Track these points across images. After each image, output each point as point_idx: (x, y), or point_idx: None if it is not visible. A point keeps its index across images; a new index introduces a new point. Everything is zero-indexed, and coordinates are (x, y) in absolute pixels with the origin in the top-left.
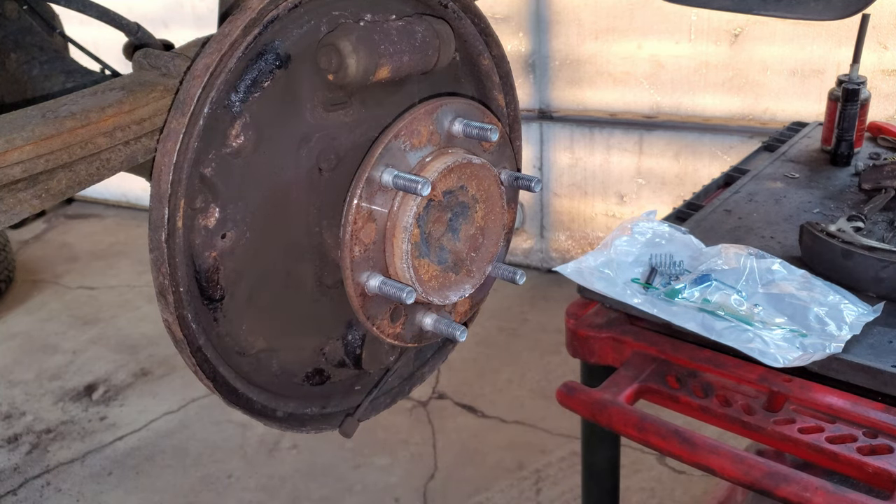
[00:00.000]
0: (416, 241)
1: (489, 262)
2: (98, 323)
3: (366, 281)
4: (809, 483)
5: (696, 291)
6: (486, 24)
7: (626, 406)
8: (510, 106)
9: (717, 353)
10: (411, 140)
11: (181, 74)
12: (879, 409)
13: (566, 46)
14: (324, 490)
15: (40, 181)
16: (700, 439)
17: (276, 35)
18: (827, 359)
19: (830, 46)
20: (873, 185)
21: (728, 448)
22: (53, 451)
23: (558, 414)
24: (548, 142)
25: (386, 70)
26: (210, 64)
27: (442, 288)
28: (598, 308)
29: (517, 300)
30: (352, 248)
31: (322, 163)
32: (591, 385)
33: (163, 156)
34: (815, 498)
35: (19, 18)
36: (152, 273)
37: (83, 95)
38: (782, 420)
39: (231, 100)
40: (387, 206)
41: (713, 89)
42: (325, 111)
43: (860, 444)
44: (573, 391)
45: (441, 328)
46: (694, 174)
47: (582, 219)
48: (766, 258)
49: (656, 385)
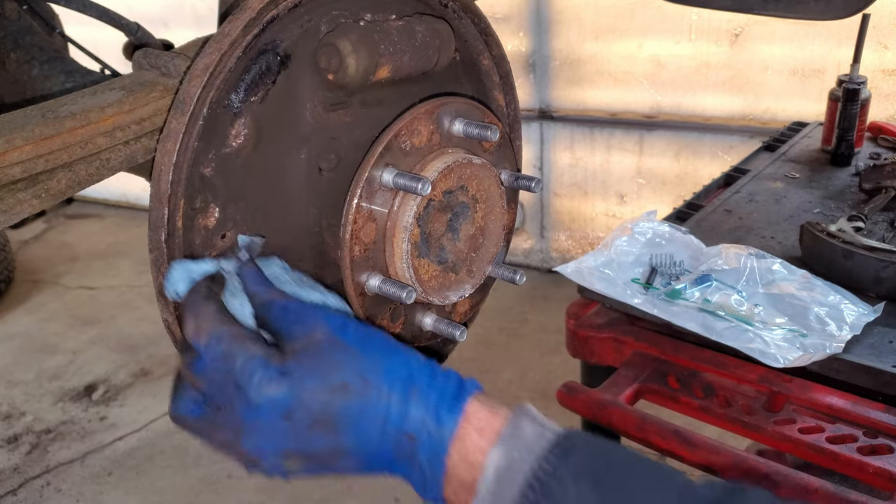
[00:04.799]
0: (416, 241)
1: (489, 262)
2: (98, 323)
3: (366, 281)
4: (809, 483)
5: (697, 291)
6: (487, 24)
7: (627, 406)
8: (510, 106)
9: (717, 354)
10: (411, 140)
11: (181, 74)
12: (880, 409)
13: (566, 46)
14: (324, 490)
15: (40, 181)
16: (700, 439)
17: (275, 35)
18: (827, 359)
19: (830, 46)
20: (874, 185)
21: (728, 448)
22: (53, 451)
23: (559, 414)
24: (548, 142)
25: (386, 70)
26: (210, 64)
27: (442, 288)
28: (598, 308)
29: (517, 300)
30: (352, 247)
31: (322, 163)
32: (591, 385)
33: (162, 156)
34: (815, 498)
35: (19, 18)
36: (152, 273)
37: (83, 95)
38: (782, 420)
39: (231, 100)
40: (387, 206)
41: (713, 89)
42: (325, 111)
43: (860, 444)
44: (573, 391)
45: (441, 328)
46: (694, 174)
47: (582, 219)
48: (766, 258)
49: (657, 385)
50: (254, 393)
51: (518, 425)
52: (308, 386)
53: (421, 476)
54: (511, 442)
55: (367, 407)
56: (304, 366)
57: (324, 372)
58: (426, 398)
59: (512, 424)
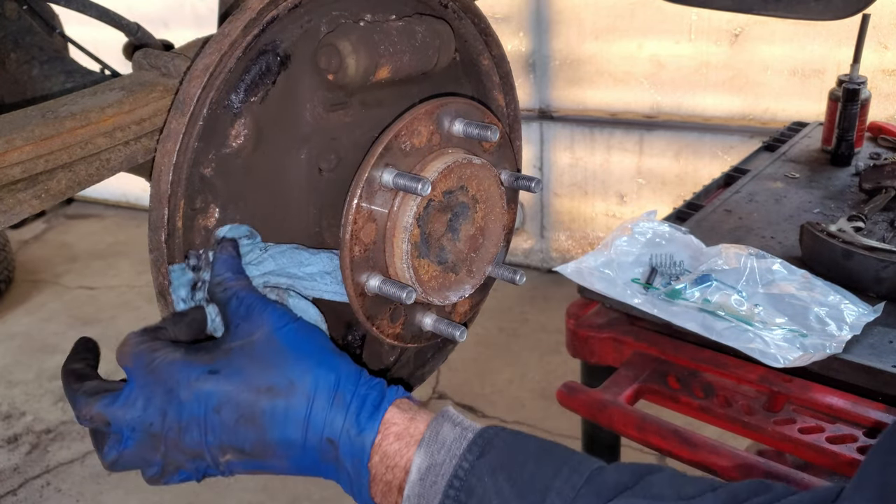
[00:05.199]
0: (416, 242)
1: (489, 262)
2: (98, 323)
3: (366, 281)
4: (809, 483)
5: (697, 291)
6: (486, 24)
7: (627, 406)
8: (510, 106)
9: (717, 354)
10: (411, 140)
11: (181, 74)
12: (880, 409)
13: (566, 46)
14: (324, 491)
15: (40, 181)
16: (700, 439)
17: (275, 35)
18: (827, 359)
19: (830, 46)
20: (873, 185)
21: (728, 448)
22: (53, 451)
23: (559, 414)
24: (548, 142)
25: (386, 70)
26: (210, 64)
27: (442, 288)
28: (598, 308)
29: (517, 300)
30: (352, 248)
31: (322, 163)
32: (591, 385)
33: (162, 156)
34: None
35: (19, 18)
36: (152, 273)
37: (83, 95)
38: (782, 420)
39: (231, 100)
40: (387, 206)
41: (713, 89)
42: (325, 111)
43: (860, 444)
44: (573, 391)
45: (441, 328)
46: (694, 174)
47: (582, 219)
48: (766, 258)
49: (657, 385)
50: (184, 392)
51: (438, 429)
52: (234, 383)
53: (348, 479)
54: (432, 445)
55: (290, 410)
56: (234, 364)
57: (252, 372)
58: (348, 406)
59: (432, 429)
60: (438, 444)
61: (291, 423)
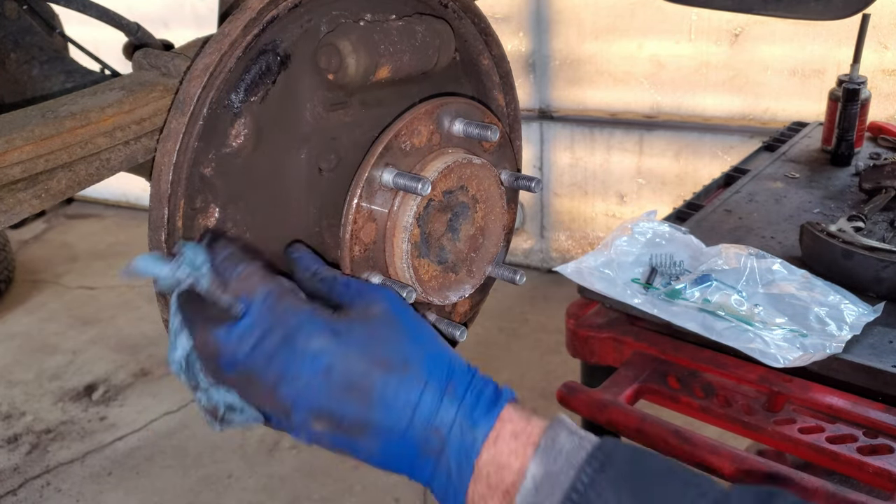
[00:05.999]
0: (416, 241)
1: (489, 262)
2: (98, 323)
3: (366, 281)
4: (809, 483)
5: (697, 291)
6: (487, 24)
7: (627, 406)
8: (510, 106)
9: (717, 354)
10: (411, 140)
11: (181, 74)
12: (880, 409)
13: (566, 46)
14: (324, 490)
15: (40, 181)
16: (700, 439)
17: (275, 35)
18: (827, 359)
19: (830, 46)
20: (873, 184)
21: (728, 448)
22: (53, 451)
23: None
24: (548, 141)
25: (386, 70)
26: (210, 64)
27: (442, 288)
28: (598, 308)
29: (517, 300)
30: (352, 247)
31: (322, 163)
32: (591, 385)
33: (163, 156)
34: (815, 498)
35: (19, 18)
36: None
37: (83, 95)
38: (782, 420)
39: (231, 100)
40: (387, 206)
41: (713, 89)
42: (325, 111)
43: (860, 444)
44: (573, 391)
45: (441, 328)
46: (694, 174)
47: (582, 219)
48: (766, 258)
49: (657, 385)
50: (301, 342)
51: (555, 436)
52: (353, 349)
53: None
54: (549, 453)
55: (401, 389)
56: (355, 331)
57: (372, 343)
58: (461, 398)
59: (549, 436)
60: (556, 452)
61: (400, 403)
